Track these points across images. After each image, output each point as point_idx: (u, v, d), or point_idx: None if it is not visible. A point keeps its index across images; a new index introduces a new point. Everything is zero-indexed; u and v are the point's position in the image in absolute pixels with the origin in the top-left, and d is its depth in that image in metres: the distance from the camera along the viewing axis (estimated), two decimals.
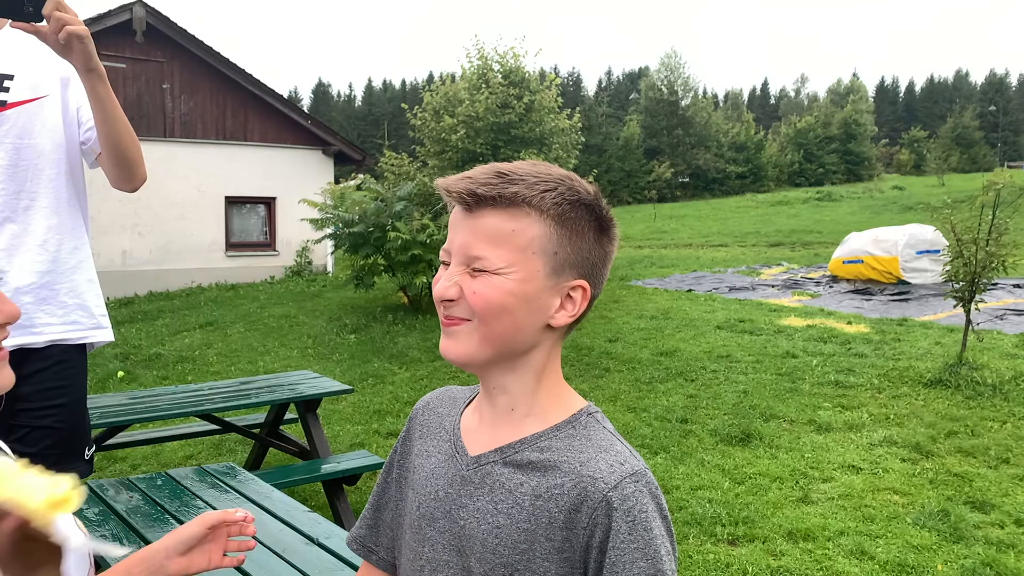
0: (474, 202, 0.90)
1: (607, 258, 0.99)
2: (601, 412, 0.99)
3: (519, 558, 0.89)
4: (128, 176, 1.91)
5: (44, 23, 1.60)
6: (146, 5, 14.01)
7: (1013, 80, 72.89)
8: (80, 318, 1.92)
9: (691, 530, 3.71)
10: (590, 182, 0.98)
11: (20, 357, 1.83)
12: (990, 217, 6.17)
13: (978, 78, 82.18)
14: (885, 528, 3.71)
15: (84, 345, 1.95)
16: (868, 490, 4.16)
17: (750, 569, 3.31)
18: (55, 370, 1.86)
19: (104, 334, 1.97)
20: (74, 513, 0.79)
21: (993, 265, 6.05)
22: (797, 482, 4.30)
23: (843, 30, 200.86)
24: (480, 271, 0.89)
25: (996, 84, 71.55)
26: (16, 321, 0.94)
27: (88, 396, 3.39)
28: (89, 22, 12.74)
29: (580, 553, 0.88)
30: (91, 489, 3.12)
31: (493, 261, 0.89)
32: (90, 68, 1.68)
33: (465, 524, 0.93)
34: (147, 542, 2.24)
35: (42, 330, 1.85)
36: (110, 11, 13.74)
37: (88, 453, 1.95)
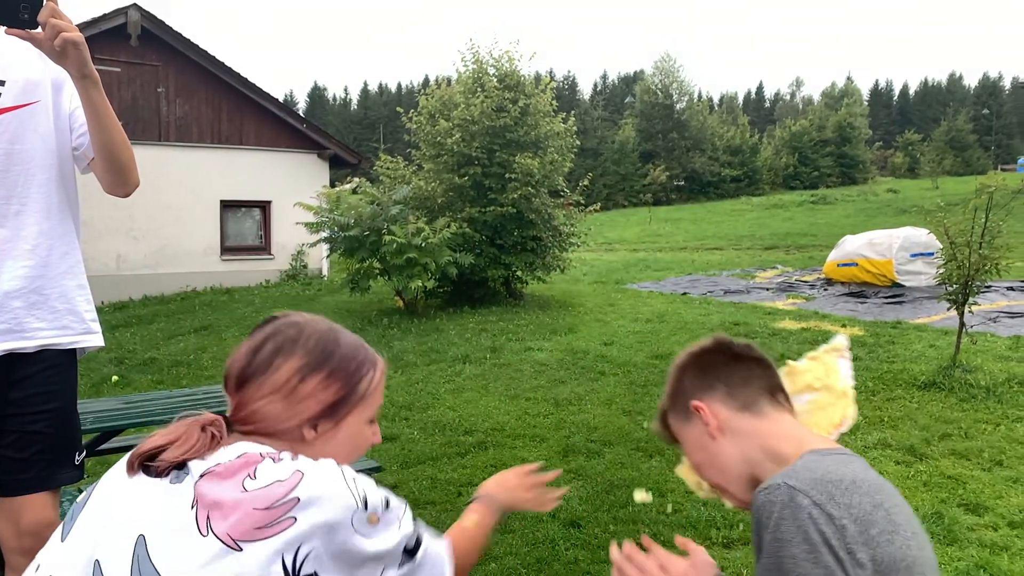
0: (673, 440, 1.37)
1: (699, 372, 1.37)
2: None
3: None
4: (121, 182, 1.91)
5: (39, 30, 1.61)
6: (141, 9, 14.01)
7: (1006, 83, 73.19)
8: (70, 323, 1.91)
9: (686, 533, 3.72)
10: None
11: (10, 362, 1.83)
12: (983, 220, 6.19)
13: (971, 81, 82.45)
14: None
15: (75, 350, 1.94)
16: None
17: (745, 572, 3.32)
18: (45, 375, 1.86)
19: (94, 339, 1.97)
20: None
21: (986, 268, 6.07)
22: None
23: (837, 34, 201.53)
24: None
25: (989, 87, 71.84)
26: None
27: (82, 400, 3.38)
28: (83, 26, 12.73)
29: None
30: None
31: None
32: (84, 74, 1.68)
33: None
34: None
35: (32, 335, 1.85)
36: (105, 15, 13.73)
37: (79, 458, 1.95)
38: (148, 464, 1.03)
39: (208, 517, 0.94)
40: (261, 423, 1.09)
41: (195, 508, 0.95)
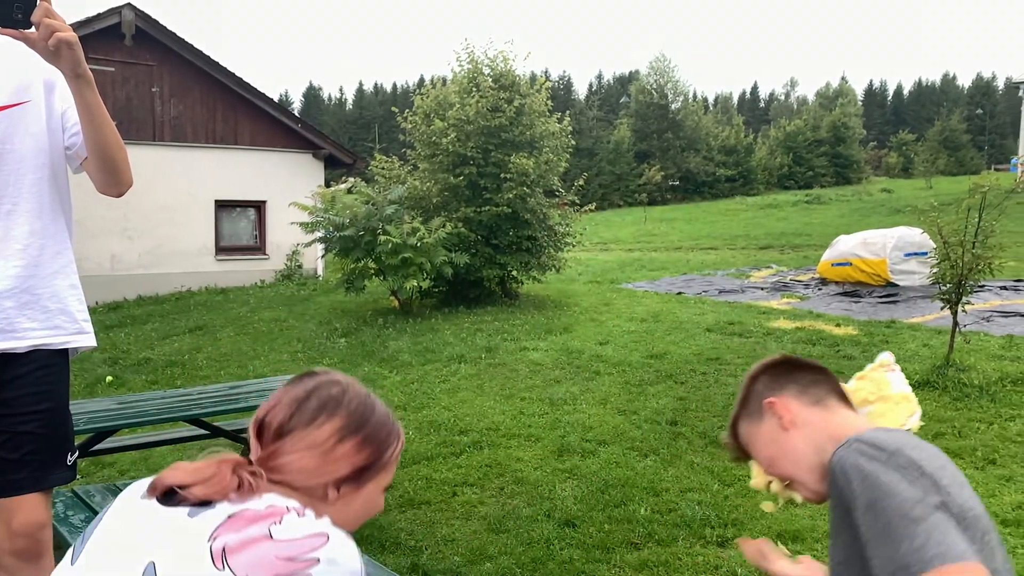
0: (741, 455, 1.48)
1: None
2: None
3: None
4: (114, 182, 1.91)
5: (33, 29, 1.60)
6: (135, 8, 13.97)
7: (1000, 84, 73.34)
8: (62, 323, 1.91)
9: (680, 532, 3.72)
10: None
11: (2, 362, 1.82)
12: (976, 220, 6.21)
13: (965, 81, 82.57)
14: None
15: (67, 350, 1.94)
16: None
17: (739, 571, 3.33)
18: (38, 375, 1.86)
19: (87, 339, 1.97)
20: (61, 522, 1.04)
21: (979, 267, 6.09)
22: None
23: (832, 34, 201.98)
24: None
25: (983, 87, 71.96)
26: None
27: (76, 401, 3.37)
28: (77, 25, 12.69)
29: None
30: (77, 495, 3.11)
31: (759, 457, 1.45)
32: (78, 74, 1.68)
33: None
34: None
35: (24, 335, 1.84)
36: (99, 14, 13.70)
37: (71, 459, 1.95)
38: (170, 495, 1.04)
39: (225, 552, 0.96)
40: (290, 476, 1.10)
41: (212, 542, 0.97)
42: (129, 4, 13.89)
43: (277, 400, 1.15)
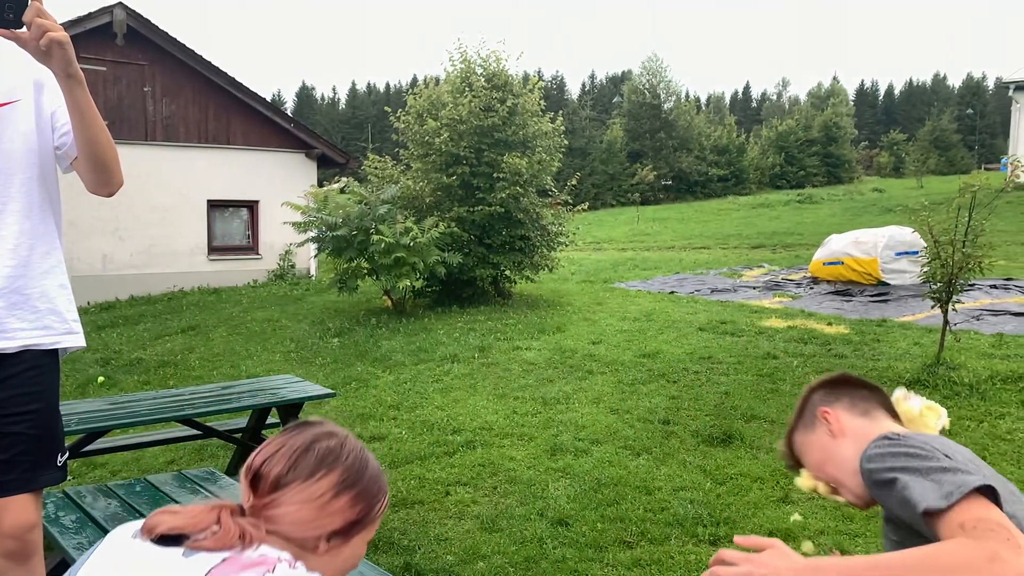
0: (794, 464, 1.61)
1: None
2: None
3: None
4: (105, 181, 1.91)
5: (24, 30, 1.60)
6: (127, 8, 13.91)
7: (990, 84, 73.72)
8: (52, 323, 1.91)
9: (673, 531, 3.74)
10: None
11: None
12: (967, 219, 6.24)
13: (955, 81, 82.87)
14: (864, 527, 3.75)
15: (57, 351, 1.94)
16: None
17: None
18: (28, 376, 1.85)
19: (76, 339, 1.96)
20: (52, 523, 1.05)
21: (969, 266, 6.12)
22: (778, 482, 4.34)
23: (823, 34, 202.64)
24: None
25: (973, 87, 72.31)
26: None
27: (68, 401, 3.35)
28: (69, 25, 12.64)
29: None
30: (68, 496, 3.10)
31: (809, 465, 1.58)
32: (69, 74, 1.68)
33: None
34: None
35: (13, 335, 1.84)
36: (90, 13, 13.64)
37: (61, 460, 1.94)
38: (167, 538, 1.04)
39: None
40: (285, 527, 1.10)
41: None
42: (121, 3, 13.83)
43: (274, 450, 1.14)
